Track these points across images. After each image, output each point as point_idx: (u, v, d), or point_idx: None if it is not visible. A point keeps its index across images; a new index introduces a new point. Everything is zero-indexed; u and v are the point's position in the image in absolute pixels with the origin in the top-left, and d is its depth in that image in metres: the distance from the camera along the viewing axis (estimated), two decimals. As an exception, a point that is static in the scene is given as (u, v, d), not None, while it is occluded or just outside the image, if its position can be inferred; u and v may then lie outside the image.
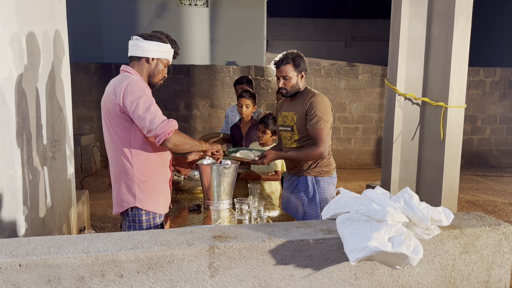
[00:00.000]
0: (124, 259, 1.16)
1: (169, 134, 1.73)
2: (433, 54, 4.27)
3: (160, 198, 2.01)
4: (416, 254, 1.20)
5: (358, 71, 7.16)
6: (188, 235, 1.27)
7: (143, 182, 1.91)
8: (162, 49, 1.91)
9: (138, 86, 1.78)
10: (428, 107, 4.29)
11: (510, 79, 7.33)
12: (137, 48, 1.89)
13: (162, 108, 7.49)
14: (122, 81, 1.81)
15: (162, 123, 1.72)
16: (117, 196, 1.95)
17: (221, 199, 2.52)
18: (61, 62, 3.25)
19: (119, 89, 1.78)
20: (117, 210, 1.97)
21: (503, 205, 5.14)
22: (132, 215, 1.95)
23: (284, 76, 2.38)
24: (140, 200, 1.91)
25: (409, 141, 4.43)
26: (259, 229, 1.33)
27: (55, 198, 2.92)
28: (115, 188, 1.95)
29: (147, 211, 1.94)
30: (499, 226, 1.42)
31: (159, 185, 1.99)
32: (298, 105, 2.41)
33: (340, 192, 1.53)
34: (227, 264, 1.22)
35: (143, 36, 1.90)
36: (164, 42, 1.94)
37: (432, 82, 4.29)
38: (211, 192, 2.52)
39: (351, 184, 6.31)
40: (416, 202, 1.30)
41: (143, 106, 1.73)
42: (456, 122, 4.13)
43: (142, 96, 1.75)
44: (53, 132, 2.87)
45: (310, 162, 2.45)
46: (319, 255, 1.29)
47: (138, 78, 1.88)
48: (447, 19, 4.02)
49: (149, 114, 1.72)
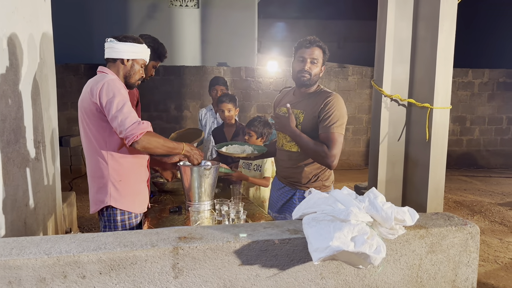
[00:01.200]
0: (86, 260, 1.16)
1: (138, 137, 1.72)
2: (419, 55, 4.30)
3: (136, 197, 2.03)
4: (378, 254, 1.21)
5: (348, 72, 7.19)
6: (153, 236, 1.28)
7: (118, 181, 1.93)
8: (136, 49, 1.93)
9: (114, 86, 1.80)
10: (414, 108, 4.32)
11: (498, 80, 7.40)
12: (111, 50, 1.92)
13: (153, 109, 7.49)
14: (99, 80, 1.84)
15: (133, 125, 1.72)
16: (93, 195, 1.97)
17: (202, 200, 2.52)
18: (45, 63, 3.24)
19: (96, 88, 1.80)
20: (93, 209, 1.99)
21: (489, 205, 5.18)
22: (107, 214, 1.97)
23: (313, 59, 2.04)
24: (115, 199, 1.93)
25: (396, 142, 4.45)
26: (226, 230, 1.34)
27: (39, 200, 2.91)
28: (91, 187, 1.98)
29: (122, 210, 1.96)
30: (465, 226, 1.44)
31: (135, 185, 2.01)
32: (309, 103, 2.08)
33: (311, 192, 1.54)
34: (191, 265, 1.23)
35: (117, 38, 1.92)
36: (139, 42, 1.96)
37: (418, 84, 4.32)
38: (192, 193, 2.52)
39: (341, 185, 6.29)
40: (380, 202, 1.32)
41: (117, 106, 1.74)
42: (441, 123, 4.16)
43: (117, 96, 1.77)
44: (37, 134, 2.86)
45: (310, 175, 2.13)
46: (285, 255, 1.30)
47: (115, 77, 1.90)
48: (432, 21, 4.05)
49: (121, 114, 1.73)
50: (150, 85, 6.82)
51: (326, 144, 1.99)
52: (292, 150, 2.15)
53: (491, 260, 3.64)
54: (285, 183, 2.26)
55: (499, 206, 5.15)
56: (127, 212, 1.99)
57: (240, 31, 8.04)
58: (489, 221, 4.63)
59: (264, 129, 2.91)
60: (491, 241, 4.06)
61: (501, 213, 4.85)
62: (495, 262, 3.59)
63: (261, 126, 2.90)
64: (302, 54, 2.06)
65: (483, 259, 3.65)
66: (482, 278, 3.30)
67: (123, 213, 1.98)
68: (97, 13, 7.65)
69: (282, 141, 2.22)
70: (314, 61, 2.05)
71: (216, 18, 7.95)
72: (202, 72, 6.94)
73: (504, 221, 4.59)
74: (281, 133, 2.20)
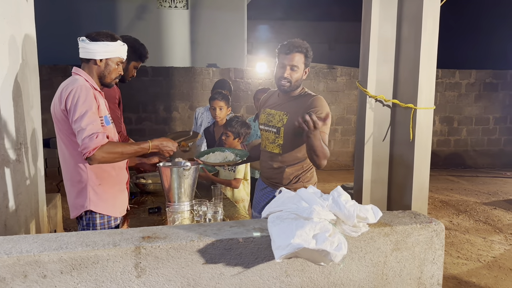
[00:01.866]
0: (47, 259, 1.16)
1: (91, 153, 1.68)
2: (403, 56, 4.34)
3: (116, 200, 2.01)
4: (339, 251, 1.22)
5: (337, 73, 7.24)
6: (117, 236, 1.28)
7: (98, 185, 1.90)
8: (109, 48, 1.88)
9: (81, 93, 1.76)
10: (398, 109, 4.35)
11: (484, 81, 7.48)
12: (84, 50, 1.89)
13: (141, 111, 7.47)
14: (69, 86, 1.81)
15: (86, 139, 1.68)
16: (72, 200, 1.94)
17: (181, 201, 2.52)
18: (28, 64, 3.22)
19: (64, 95, 1.78)
20: (73, 215, 1.97)
21: (474, 204, 5.23)
22: (87, 219, 1.94)
23: (293, 65, 2.02)
24: (95, 203, 1.90)
25: (381, 142, 4.49)
26: (191, 229, 1.35)
27: (20, 202, 2.89)
28: (70, 192, 1.94)
29: (101, 214, 1.94)
30: (430, 223, 1.46)
31: (114, 188, 1.99)
32: (293, 106, 2.09)
33: (282, 191, 1.55)
34: (154, 264, 1.23)
35: (90, 36, 1.89)
36: (112, 39, 1.91)
37: (402, 84, 4.36)
38: (172, 194, 2.52)
39: (329, 185, 6.37)
40: (344, 200, 1.33)
41: (77, 115, 1.71)
42: (425, 123, 4.19)
43: (80, 104, 1.73)
44: (18, 135, 2.85)
45: (291, 176, 2.14)
46: (249, 253, 1.31)
47: (86, 84, 1.85)
48: (415, 21, 4.09)
49: (79, 126, 1.70)
50: (139, 86, 6.81)
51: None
52: (274, 151, 2.16)
53: (474, 258, 3.68)
54: (267, 184, 2.27)
55: (484, 205, 5.21)
56: (107, 216, 1.96)
57: (230, 32, 8.06)
58: (473, 220, 4.67)
59: (242, 129, 2.90)
60: (475, 240, 4.10)
61: (485, 212, 4.90)
62: (478, 261, 3.63)
63: (238, 126, 2.89)
64: (282, 61, 2.04)
65: (466, 258, 3.69)
66: (464, 277, 3.34)
67: (103, 217, 1.95)
68: (85, 14, 7.63)
69: (265, 142, 2.22)
70: (294, 68, 2.03)
71: (205, 19, 7.96)
72: (191, 73, 6.95)
73: (488, 220, 4.64)
74: (265, 134, 2.19)
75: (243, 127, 2.90)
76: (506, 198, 5.52)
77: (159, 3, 7.88)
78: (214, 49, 7.97)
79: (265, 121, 2.21)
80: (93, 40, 1.86)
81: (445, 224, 4.57)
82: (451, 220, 4.70)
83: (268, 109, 2.21)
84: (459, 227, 4.47)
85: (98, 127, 1.72)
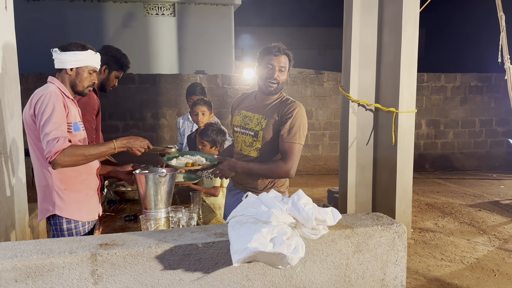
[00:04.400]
0: (1, 268, 1.16)
1: (53, 157, 1.70)
2: (384, 60, 4.39)
3: (83, 206, 2.03)
4: (295, 254, 1.23)
5: (324, 78, 7.29)
6: (74, 243, 1.28)
7: (62, 189, 1.94)
8: (79, 57, 1.93)
9: (50, 99, 1.81)
10: (380, 113, 4.40)
11: (470, 84, 7.58)
12: (56, 60, 1.95)
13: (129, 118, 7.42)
14: (39, 92, 1.86)
15: (47, 144, 1.71)
16: (40, 204, 2.00)
17: (158, 208, 2.51)
18: (7, 73, 3.21)
19: (34, 100, 1.84)
20: (40, 218, 2.01)
21: (460, 206, 5.27)
22: (54, 223, 1.99)
23: (281, 67, 2.03)
24: (60, 207, 1.94)
25: (364, 146, 4.52)
26: (151, 236, 1.35)
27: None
28: (38, 196, 2.01)
29: (67, 219, 1.98)
30: (392, 225, 1.47)
31: (80, 193, 2.02)
32: (272, 110, 2.07)
33: (248, 196, 1.56)
34: (111, 271, 1.23)
35: (62, 47, 1.95)
36: (83, 49, 1.95)
37: (383, 88, 4.40)
38: (148, 201, 2.50)
39: (317, 190, 6.38)
40: (303, 203, 1.34)
41: (42, 121, 1.76)
42: (407, 126, 4.24)
43: (46, 111, 1.77)
44: (-3, 145, 2.83)
45: (266, 181, 2.12)
46: (209, 258, 1.31)
47: (56, 90, 1.89)
48: (396, 26, 4.15)
49: (44, 131, 1.74)
50: (126, 94, 6.81)
51: (283, 155, 2.00)
52: (251, 155, 2.11)
53: (457, 260, 3.69)
54: (240, 189, 2.23)
55: (469, 207, 5.24)
56: (74, 221, 2.00)
57: (217, 39, 8.10)
58: (458, 222, 4.70)
59: (218, 137, 2.86)
60: (459, 241, 4.12)
61: (470, 214, 4.93)
62: (461, 262, 3.64)
63: (214, 134, 2.84)
64: (271, 62, 2.03)
65: (449, 260, 3.70)
66: (447, 278, 3.35)
67: (69, 221, 1.99)
68: (72, 23, 7.63)
69: (241, 145, 2.17)
70: (282, 69, 2.04)
71: (192, 27, 8.00)
72: (179, 80, 6.96)
73: (473, 222, 4.67)
74: (241, 137, 2.16)
75: (219, 135, 2.86)
76: (491, 200, 5.57)
77: (146, 11, 7.91)
78: (202, 56, 8.00)
79: (241, 123, 2.15)
80: (64, 50, 1.92)
81: (431, 226, 4.59)
82: (436, 222, 4.72)
83: (244, 111, 2.16)
84: (444, 229, 4.49)
85: (62, 133, 1.75)
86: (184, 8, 8.04)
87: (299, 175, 7.27)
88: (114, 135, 6.94)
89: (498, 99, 7.56)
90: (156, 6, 8.04)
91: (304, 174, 7.30)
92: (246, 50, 13.14)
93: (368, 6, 4.35)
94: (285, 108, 2.03)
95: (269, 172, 2.05)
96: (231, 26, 8.18)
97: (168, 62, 7.96)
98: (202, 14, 7.98)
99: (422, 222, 4.75)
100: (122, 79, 7.40)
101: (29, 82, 6.59)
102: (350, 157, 4.49)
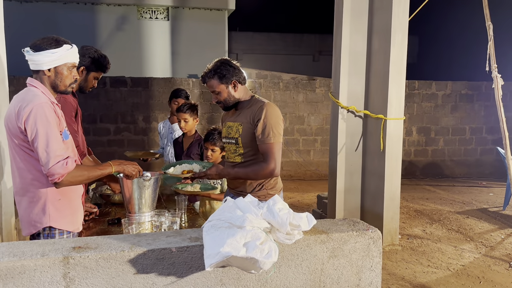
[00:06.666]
0: (-30, 270, 1.15)
1: (60, 179, 1.69)
2: (373, 68, 4.44)
3: (75, 214, 1.96)
4: (268, 258, 1.24)
5: (316, 84, 7.33)
6: (47, 246, 1.27)
7: (58, 200, 1.84)
8: (55, 56, 1.78)
9: (42, 113, 1.71)
10: (369, 120, 4.43)
11: (460, 92, 7.66)
12: (31, 62, 1.81)
13: (120, 121, 7.38)
14: (28, 103, 1.73)
15: (56, 165, 1.68)
16: (27, 216, 1.84)
17: (142, 212, 2.51)
18: (-6, 77, 3.21)
19: (23, 113, 1.71)
20: (27, 232, 1.87)
21: (448, 213, 5.30)
22: (45, 235, 1.85)
23: (213, 91, 2.19)
24: (55, 219, 1.84)
25: (353, 152, 4.55)
26: (125, 240, 1.35)
27: (-17, 216, 2.85)
28: (25, 208, 1.84)
29: (61, 230, 1.87)
30: (367, 231, 1.48)
31: (73, 201, 1.94)
32: (244, 115, 2.19)
33: (227, 200, 1.56)
34: (83, 274, 1.23)
35: (34, 46, 1.79)
36: (57, 46, 1.80)
37: (372, 95, 4.44)
38: (132, 205, 2.50)
39: (308, 195, 6.39)
40: (278, 209, 1.35)
41: (42, 138, 1.68)
42: (395, 133, 4.27)
43: (43, 126, 1.70)
44: (-17, 150, 2.82)
45: (254, 184, 2.20)
46: (183, 262, 1.31)
47: (46, 100, 1.78)
48: (385, 34, 4.20)
49: (45, 150, 1.68)
50: (118, 97, 6.80)
51: (264, 157, 2.10)
52: (236, 161, 2.23)
53: (444, 267, 3.71)
54: (233, 193, 2.32)
55: (458, 214, 5.28)
56: (66, 232, 1.89)
57: (211, 44, 8.13)
58: (446, 229, 4.73)
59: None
60: (446, 248, 4.14)
61: (458, 221, 4.97)
62: (447, 269, 3.66)
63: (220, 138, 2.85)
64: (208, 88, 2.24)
65: (436, 267, 3.72)
66: (432, 285, 3.37)
67: (62, 232, 1.87)
68: (65, 25, 7.62)
69: (228, 153, 2.31)
70: (215, 92, 2.18)
71: (186, 31, 8.02)
72: (171, 83, 6.97)
73: (460, 229, 4.70)
74: (227, 146, 2.30)
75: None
76: (479, 207, 5.61)
77: (140, 14, 7.93)
78: (195, 60, 8.02)
79: (225, 134, 2.30)
80: (37, 50, 1.77)
81: (418, 233, 4.61)
82: (424, 229, 4.75)
83: (228, 122, 2.31)
84: (432, 236, 4.52)
85: (65, 151, 1.72)
86: (178, 12, 8.06)
87: (291, 180, 7.30)
88: (105, 138, 6.92)
89: (488, 107, 7.64)
90: (150, 10, 8.06)
91: (295, 179, 7.31)
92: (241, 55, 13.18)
93: (358, 14, 4.40)
94: (255, 110, 2.14)
95: (253, 174, 2.13)
96: (224, 31, 8.22)
97: (161, 65, 7.96)
98: (195, 19, 8.00)
99: (410, 228, 4.78)
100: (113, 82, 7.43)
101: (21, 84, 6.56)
102: (339, 163, 4.51)
